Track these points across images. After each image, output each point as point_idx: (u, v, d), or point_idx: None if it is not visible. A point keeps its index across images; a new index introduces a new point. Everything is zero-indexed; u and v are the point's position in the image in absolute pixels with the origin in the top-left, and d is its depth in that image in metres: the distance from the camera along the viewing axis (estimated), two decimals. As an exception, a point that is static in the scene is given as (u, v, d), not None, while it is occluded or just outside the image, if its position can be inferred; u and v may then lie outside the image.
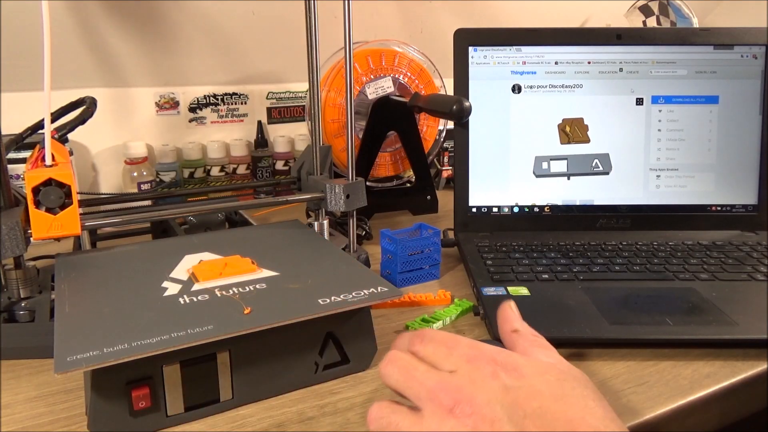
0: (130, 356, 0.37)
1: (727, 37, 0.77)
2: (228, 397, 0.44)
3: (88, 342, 0.38)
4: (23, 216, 0.50)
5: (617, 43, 0.76)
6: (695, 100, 0.77)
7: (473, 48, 0.76)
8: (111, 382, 0.39)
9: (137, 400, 0.40)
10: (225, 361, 0.43)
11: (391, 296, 0.46)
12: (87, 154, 0.95)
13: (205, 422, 0.43)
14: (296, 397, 0.46)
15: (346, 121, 0.66)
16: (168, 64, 0.98)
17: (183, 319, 0.42)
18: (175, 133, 1.01)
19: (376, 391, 0.46)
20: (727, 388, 0.47)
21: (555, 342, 0.52)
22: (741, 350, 0.51)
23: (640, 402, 0.45)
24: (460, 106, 0.71)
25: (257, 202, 0.73)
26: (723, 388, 0.47)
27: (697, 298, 0.58)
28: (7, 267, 0.53)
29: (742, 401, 0.49)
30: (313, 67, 0.67)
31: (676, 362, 0.50)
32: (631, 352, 0.51)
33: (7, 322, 0.52)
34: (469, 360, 0.35)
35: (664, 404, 0.45)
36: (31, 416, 0.43)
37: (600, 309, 0.56)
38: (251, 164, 1.03)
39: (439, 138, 0.98)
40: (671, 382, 0.47)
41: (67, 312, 0.43)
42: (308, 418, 0.43)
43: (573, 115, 0.77)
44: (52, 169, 0.50)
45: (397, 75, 0.91)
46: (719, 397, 0.47)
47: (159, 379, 0.41)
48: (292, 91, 1.10)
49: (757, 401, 0.50)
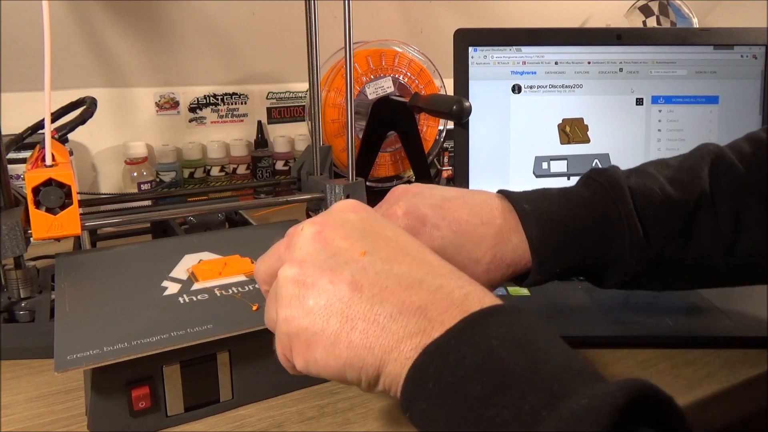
0: (130, 355, 0.37)
1: (727, 37, 0.76)
2: (228, 397, 0.44)
3: (88, 341, 0.38)
4: (23, 216, 0.50)
5: (617, 43, 0.76)
6: (695, 100, 0.77)
7: (473, 48, 0.76)
8: (111, 382, 0.39)
9: (137, 400, 0.40)
10: (225, 361, 0.43)
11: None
12: (87, 154, 0.95)
13: (205, 422, 0.43)
14: (296, 397, 0.45)
15: (346, 121, 0.66)
16: (168, 64, 0.98)
17: (183, 318, 0.42)
18: (175, 133, 1.01)
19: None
20: (727, 388, 0.47)
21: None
22: (741, 350, 0.51)
23: (640, 402, 0.45)
24: (460, 106, 0.71)
25: (257, 202, 0.73)
26: (723, 388, 0.47)
27: (697, 298, 0.58)
28: (7, 267, 0.53)
29: (742, 401, 0.49)
30: (313, 67, 0.67)
31: (676, 362, 0.50)
32: (631, 352, 0.51)
33: (7, 322, 0.52)
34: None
35: (664, 404, 0.45)
36: (31, 416, 0.43)
37: (600, 309, 0.55)
38: (251, 164, 1.03)
39: (439, 138, 0.98)
40: (671, 382, 0.47)
41: (67, 311, 0.43)
42: (308, 418, 0.43)
43: (573, 115, 0.77)
44: (52, 169, 0.50)
45: (397, 75, 0.91)
46: (719, 397, 0.47)
47: (159, 379, 0.41)
48: (292, 91, 1.10)
49: (757, 401, 0.50)
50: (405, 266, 0.29)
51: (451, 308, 0.27)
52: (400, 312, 0.27)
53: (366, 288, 0.28)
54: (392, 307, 0.27)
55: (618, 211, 0.41)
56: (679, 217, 0.42)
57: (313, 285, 0.29)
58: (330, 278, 0.29)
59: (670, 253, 0.42)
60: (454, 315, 0.27)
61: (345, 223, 0.31)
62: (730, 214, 0.42)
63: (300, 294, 0.29)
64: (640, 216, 0.41)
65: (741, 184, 0.43)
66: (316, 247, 0.30)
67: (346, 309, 0.28)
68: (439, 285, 0.28)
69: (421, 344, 0.26)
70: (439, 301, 0.28)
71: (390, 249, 0.30)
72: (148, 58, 0.96)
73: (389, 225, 0.32)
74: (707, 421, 0.47)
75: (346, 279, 0.28)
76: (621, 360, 0.50)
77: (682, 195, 0.42)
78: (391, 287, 0.28)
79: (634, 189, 0.42)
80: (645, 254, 0.41)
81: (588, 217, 0.41)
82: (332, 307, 0.28)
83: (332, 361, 0.28)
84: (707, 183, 0.43)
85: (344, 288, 0.28)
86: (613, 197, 0.41)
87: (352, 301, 0.28)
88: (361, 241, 0.30)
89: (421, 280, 0.28)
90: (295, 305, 0.29)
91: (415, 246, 0.31)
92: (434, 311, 0.27)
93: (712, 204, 0.42)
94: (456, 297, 0.28)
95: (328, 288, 0.28)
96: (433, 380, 0.25)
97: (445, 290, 0.28)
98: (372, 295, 0.28)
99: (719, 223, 0.42)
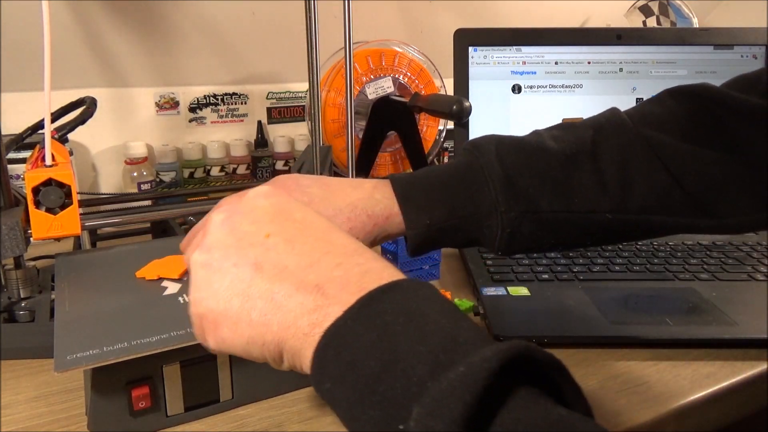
0: (130, 355, 0.37)
1: (727, 37, 0.76)
2: (228, 397, 0.44)
3: (88, 341, 0.38)
4: (23, 216, 0.50)
5: (617, 43, 0.76)
6: (695, 100, 0.77)
7: (473, 48, 0.76)
8: (111, 382, 0.39)
9: (137, 400, 0.40)
10: (225, 361, 0.43)
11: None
12: (87, 154, 0.95)
13: (205, 422, 0.43)
14: (296, 397, 0.46)
15: (346, 121, 0.66)
16: (168, 64, 0.98)
17: (183, 318, 0.42)
18: (175, 133, 1.01)
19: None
20: (727, 388, 0.47)
21: (555, 342, 0.52)
22: (741, 350, 0.51)
23: (639, 402, 0.45)
24: (460, 106, 0.71)
25: (257, 202, 0.73)
26: (723, 388, 0.47)
27: (697, 298, 0.58)
28: (7, 267, 0.53)
29: (742, 401, 0.49)
30: (313, 67, 0.67)
31: (676, 362, 0.50)
32: (631, 352, 0.51)
33: (7, 322, 0.52)
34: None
35: (664, 404, 0.45)
36: (31, 416, 0.43)
37: (600, 309, 0.56)
38: (251, 164, 1.03)
39: (439, 138, 0.98)
40: (671, 382, 0.47)
41: (67, 311, 0.43)
42: (308, 418, 0.43)
43: (573, 115, 0.77)
44: (52, 169, 0.50)
45: (397, 75, 0.91)
46: (719, 397, 0.47)
47: (159, 379, 0.41)
48: (292, 91, 1.10)
49: (757, 401, 0.50)
50: (308, 246, 0.30)
51: (349, 285, 0.28)
52: (297, 290, 0.28)
53: (267, 269, 0.29)
54: (290, 285, 0.28)
55: (479, 163, 0.43)
56: (554, 168, 0.42)
57: (219, 269, 0.30)
58: (234, 261, 0.30)
59: (549, 204, 0.42)
60: (352, 292, 0.27)
61: (254, 208, 0.32)
62: (616, 169, 0.42)
63: (207, 277, 0.30)
64: (506, 164, 0.42)
65: (630, 140, 0.43)
66: (223, 232, 0.31)
67: (248, 289, 0.29)
68: (338, 263, 0.29)
69: (318, 321, 0.27)
70: (337, 278, 0.28)
71: (295, 230, 0.31)
72: (148, 58, 0.96)
73: (300, 207, 0.33)
74: (707, 421, 0.47)
75: (249, 261, 0.30)
76: (621, 360, 0.50)
77: (558, 148, 0.43)
78: (291, 267, 0.29)
79: (504, 143, 0.44)
80: (515, 202, 0.41)
81: (452, 174, 0.43)
82: (234, 288, 0.29)
83: (237, 340, 0.29)
84: (590, 139, 0.43)
85: (247, 270, 0.29)
86: (476, 154, 0.43)
87: (253, 281, 0.29)
88: (267, 224, 0.31)
89: (320, 259, 0.29)
90: (203, 288, 0.30)
91: (323, 226, 0.32)
92: (332, 289, 0.28)
93: (593, 158, 0.43)
94: (353, 274, 0.28)
95: (232, 270, 0.30)
96: (333, 361, 0.26)
97: (344, 267, 0.29)
98: (272, 275, 0.29)
99: (602, 176, 0.42)
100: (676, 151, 0.43)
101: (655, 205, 0.42)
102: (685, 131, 0.43)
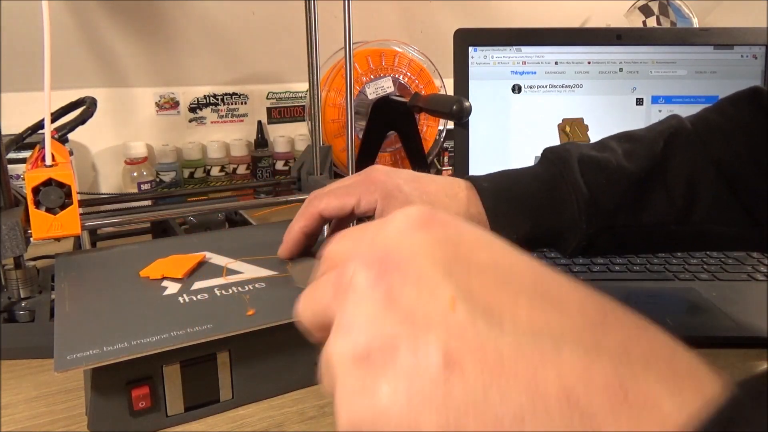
0: (130, 355, 0.37)
1: (727, 37, 0.76)
2: (228, 397, 0.44)
3: (88, 341, 0.38)
4: (23, 216, 0.50)
5: (617, 43, 0.76)
6: (695, 100, 0.77)
7: (473, 48, 0.76)
8: (111, 382, 0.39)
9: (137, 400, 0.40)
10: (225, 360, 0.43)
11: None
12: (87, 154, 0.95)
13: (205, 422, 0.43)
14: (296, 397, 0.45)
15: (346, 121, 0.66)
16: (168, 64, 0.98)
17: (183, 318, 0.42)
18: (175, 133, 1.01)
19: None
20: (727, 388, 0.47)
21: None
22: (741, 350, 0.51)
23: (640, 402, 0.45)
24: (460, 106, 0.71)
25: (257, 202, 0.73)
26: (723, 388, 0.47)
27: (697, 298, 0.58)
28: (7, 267, 0.53)
29: (742, 401, 0.49)
30: (313, 67, 0.67)
31: (676, 362, 0.50)
32: (631, 351, 0.51)
33: (7, 322, 0.52)
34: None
35: (664, 404, 0.45)
36: (31, 416, 0.43)
37: (600, 309, 0.55)
38: (251, 164, 1.03)
39: (439, 138, 0.98)
40: (671, 381, 0.47)
41: (67, 311, 0.43)
42: (308, 418, 0.43)
43: (573, 115, 0.77)
44: (52, 169, 0.50)
45: (397, 75, 0.91)
46: (719, 397, 0.47)
47: (159, 379, 0.41)
48: (292, 91, 1.10)
49: (757, 401, 0.50)
50: (524, 313, 0.19)
51: (628, 406, 0.16)
52: (534, 402, 0.16)
53: (468, 362, 0.17)
54: (521, 394, 0.17)
55: (565, 180, 0.45)
56: (631, 187, 0.45)
57: (384, 364, 0.18)
58: (409, 347, 0.18)
59: (624, 219, 0.45)
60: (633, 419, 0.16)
61: (415, 254, 0.20)
62: (684, 185, 0.45)
63: (365, 378, 0.19)
64: (590, 184, 0.45)
65: (696, 154, 0.46)
66: (378, 305, 0.20)
67: (445, 399, 0.17)
68: (592, 347, 0.18)
69: None
70: (598, 382, 0.17)
71: (494, 285, 0.20)
72: (148, 58, 0.96)
73: (481, 238, 0.21)
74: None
75: (433, 349, 0.18)
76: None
77: (635, 167, 0.46)
78: (511, 357, 0.17)
79: (586, 161, 0.46)
80: (596, 219, 0.45)
81: (538, 188, 0.46)
82: (421, 395, 0.18)
83: None
84: (660, 157, 0.46)
85: (434, 363, 0.18)
86: (561, 169, 0.46)
87: (451, 386, 0.17)
88: (445, 279, 0.19)
89: (557, 340, 0.18)
90: (362, 397, 0.19)
91: (531, 269, 0.20)
92: (594, 404, 0.16)
93: (664, 176, 0.46)
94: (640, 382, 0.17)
95: (409, 363, 0.18)
96: None
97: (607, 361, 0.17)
98: (479, 373, 0.17)
99: (671, 193, 0.45)
100: (747, 184, 0.45)
101: (717, 217, 0.46)
102: (752, 142, 0.45)
